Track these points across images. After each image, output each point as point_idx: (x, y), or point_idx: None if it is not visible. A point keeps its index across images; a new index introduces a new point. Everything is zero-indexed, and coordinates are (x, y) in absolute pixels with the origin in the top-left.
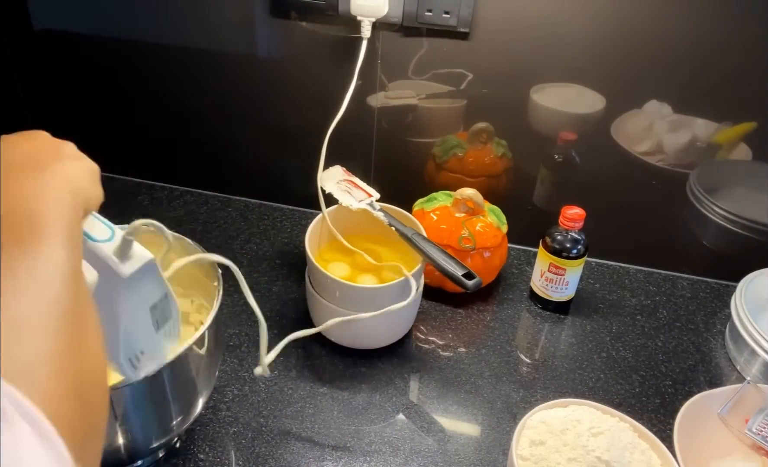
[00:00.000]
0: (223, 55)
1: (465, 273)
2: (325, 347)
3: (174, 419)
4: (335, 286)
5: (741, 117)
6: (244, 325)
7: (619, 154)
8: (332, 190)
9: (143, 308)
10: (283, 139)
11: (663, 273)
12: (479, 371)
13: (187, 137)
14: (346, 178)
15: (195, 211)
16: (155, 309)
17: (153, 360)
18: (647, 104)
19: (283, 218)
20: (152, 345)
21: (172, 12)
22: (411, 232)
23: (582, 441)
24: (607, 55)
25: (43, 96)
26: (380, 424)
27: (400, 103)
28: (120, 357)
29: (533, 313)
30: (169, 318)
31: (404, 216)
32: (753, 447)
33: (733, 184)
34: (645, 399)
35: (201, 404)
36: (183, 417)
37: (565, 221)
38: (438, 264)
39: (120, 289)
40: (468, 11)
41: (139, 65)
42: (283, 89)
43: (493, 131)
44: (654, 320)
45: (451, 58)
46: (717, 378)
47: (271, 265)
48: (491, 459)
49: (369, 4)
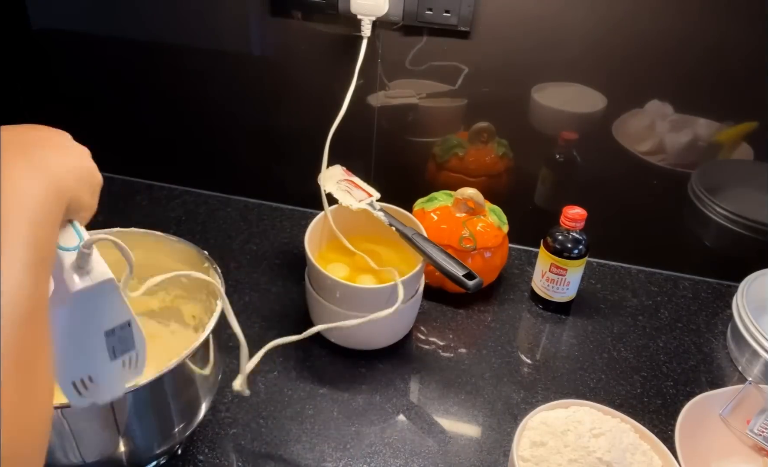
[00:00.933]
0: (222, 55)
1: (466, 274)
2: (325, 348)
3: (176, 426)
4: (335, 287)
5: (742, 116)
6: (243, 326)
7: (621, 154)
8: (332, 189)
9: (95, 331)
10: (283, 139)
11: (664, 273)
12: (480, 372)
13: (186, 137)
14: (346, 177)
15: (194, 211)
16: (112, 334)
17: (105, 390)
18: (648, 104)
19: (282, 218)
20: (104, 373)
21: (172, 12)
22: (411, 232)
23: (583, 442)
24: (609, 54)
25: (42, 96)
26: (380, 425)
27: (400, 102)
28: (63, 379)
29: (534, 314)
30: (130, 348)
31: (404, 216)
32: (754, 447)
33: (734, 184)
34: (646, 399)
35: (204, 409)
36: (185, 424)
37: (567, 221)
38: (438, 264)
39: (68, 304)
40: (468, 10)
41: (138, 65)
42: (282, 89)
43: (494, 131)
44: (655, 320)
45: (452, 57)
46: (718, 378)
47: (271, 265)
48: (492, 460)
49: (369, 2)
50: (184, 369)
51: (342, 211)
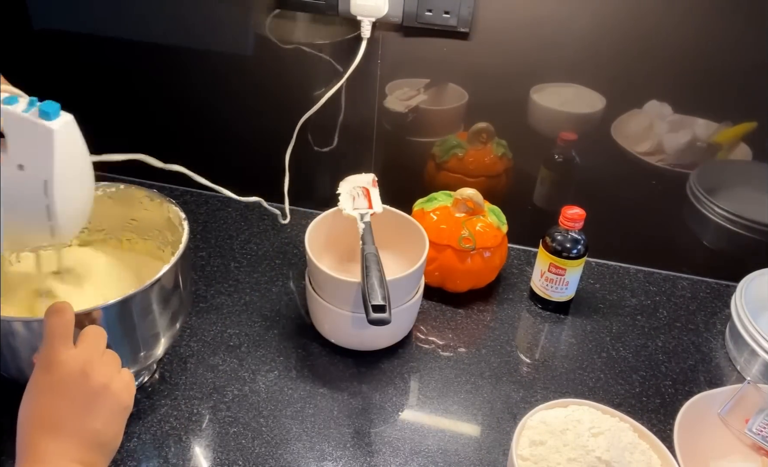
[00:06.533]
0: (222, 55)
1: (377, 305)
2: (325, 347)
3: (141, 350)
4: (335, 286)
5: (741, 117)
6: (244, 325)
7: (620, 154)
8: (342, 191)
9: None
10: (282, 139)
11: (663, 273)
12: (479, 371)
13: (186, 137)
14: (364, 185)
15: (195, 211)
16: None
17: None
18: (647, 104)
19: (283, 218)
20: None
21: (172, 12)
22: (371, 251)
23: (582, 442)
24: (607, 54)
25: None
26: (380, 425)
27: (400, 103)
28: None
29: (533, 313)
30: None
31: (405, 218)
32: (753, 447)
33: (733, 184)
34: (645, 399)
35: (163, 345)
36: (147, 352)
37: (565, 221)
38: (363, 287)
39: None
40: (468, 11)
41: (138, 65)
42: (282, 89)
43: (493, 131)
44: (654, 320)
45: (451, 59)
46: (717, 378)
47: (271, 265)
48: (491, 460)
49: (369, 3)
50: (146, 294)
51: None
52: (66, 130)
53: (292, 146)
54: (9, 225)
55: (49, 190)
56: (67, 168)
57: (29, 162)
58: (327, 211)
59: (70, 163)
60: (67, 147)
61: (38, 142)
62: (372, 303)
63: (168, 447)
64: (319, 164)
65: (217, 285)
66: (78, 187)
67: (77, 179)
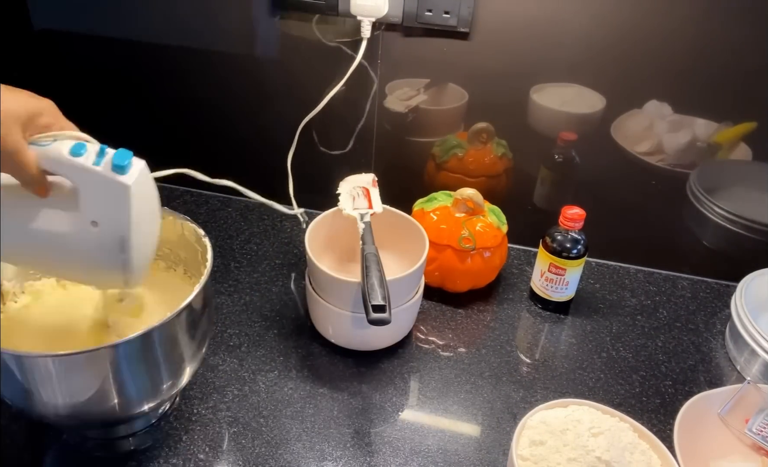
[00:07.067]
0: (223, 55)
1: (377, 305)
2: (325, 347)
3: (164, 382)
4: (335, 286)
5: (741, 117)
6: (244, 325)
7: (619, 154)
8: (342, 191)
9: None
10: (283, 139)
11: (663, 273)
12: (479, 371)
13: (186, 137)
14: (364, 185)
15: (195, 211)
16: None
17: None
18: (647, 104)
19: (283, 218)
20: None
21: (172, 12)
22: (371, 251)
23: (582, 441)
24: (607, 54)
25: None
26: (380, 424)
27: (400, 103)
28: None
29: (533, 313)
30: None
31: (405, 219)
32: (753, 447)
33: (733, 184)
34: (645, 399)
35: (188, 373)
36: (173, 382)
37: (565, 221)
38: (363, 287)
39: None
40: (468, 11)
41: (138, 65)
42: (282, 89)
43: (493, 131)
44: (654, 320)
45: (451, 59)
46: (717, 378)
47: (271, 265)
48: (491, 459)
49: (369, 3)
50: (170, 325)
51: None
52: (140, 181)
53: (294, 147)
54: (78, 276)
55: (125, 246)
56: (143, 220)
57: (104, 218)
58: (327, 211)
59: (145, 213)
60: (143, 198)
61: (113, 198)
62: (372, 303)
63: (168, 446)
64: (320, 164)
65: (217, 285)
66: (151, 232)
67: (151, 224)
